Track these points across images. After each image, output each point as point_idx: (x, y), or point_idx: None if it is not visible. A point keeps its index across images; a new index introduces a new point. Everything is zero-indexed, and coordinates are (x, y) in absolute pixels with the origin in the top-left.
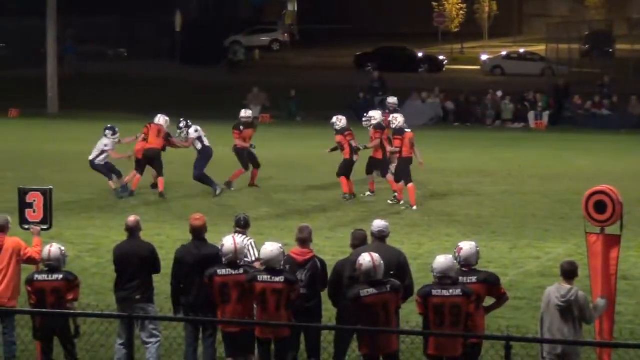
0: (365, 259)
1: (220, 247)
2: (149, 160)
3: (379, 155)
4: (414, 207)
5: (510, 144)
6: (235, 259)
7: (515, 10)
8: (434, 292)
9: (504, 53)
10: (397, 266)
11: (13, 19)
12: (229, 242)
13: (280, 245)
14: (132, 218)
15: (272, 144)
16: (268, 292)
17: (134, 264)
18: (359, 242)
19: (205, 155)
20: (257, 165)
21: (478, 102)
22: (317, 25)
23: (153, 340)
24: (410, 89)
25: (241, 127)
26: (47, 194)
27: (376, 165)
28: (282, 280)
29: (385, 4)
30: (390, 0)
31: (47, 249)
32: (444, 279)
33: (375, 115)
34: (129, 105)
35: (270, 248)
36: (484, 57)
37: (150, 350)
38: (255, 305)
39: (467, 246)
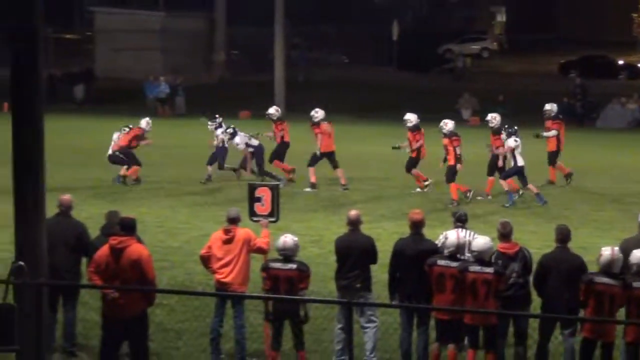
0: (606, 250)
1: (444, 239)
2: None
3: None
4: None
5: None
6: (456, 252)
7: None
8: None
9: None
10: None
11: (244, 28)
12: (453, 236)
13: (490, 239)
14: (353, 212)
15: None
16: (478, 282)
17: (354, 255)
18: (563, 237)
19: (259, 150)
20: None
21: None
22: (524, 34)
23: (371, 325)
24: (610, 95)
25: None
26: (274, 190)
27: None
28: (492, 271)
29: (587, 15)
30: (593, 11)
31: (282, 239)
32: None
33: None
34: (348, 108)
35: (482, 241)
36: None
37: (368, 334)
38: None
39: None
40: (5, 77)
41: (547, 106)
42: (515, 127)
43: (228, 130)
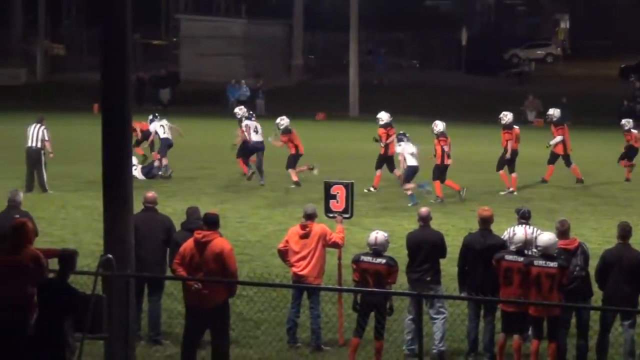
0: None
1: (512, 235)
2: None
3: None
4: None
5: None
6: (524, 248)
7: None
8: None
9: None
10: None
11: (321, 34)
12: (521, 232)
13: (554, 235)
14: (424, 209)
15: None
16: (543, 276)
17: (425, 249)
18: (625, 233)
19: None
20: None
21: None
22: (586, 40)
23: (440, 316)
24: None
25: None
26: (348, 187)
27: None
28: (556, 265)
29: None
30: None
31: (373, 235)
32: None
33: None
34: (420, 110)
35: (547, 237)
36: None
37: (437, 324)
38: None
39: None
40: (96, 80)
41: (550, 111)
42: (404, 132)
43: None
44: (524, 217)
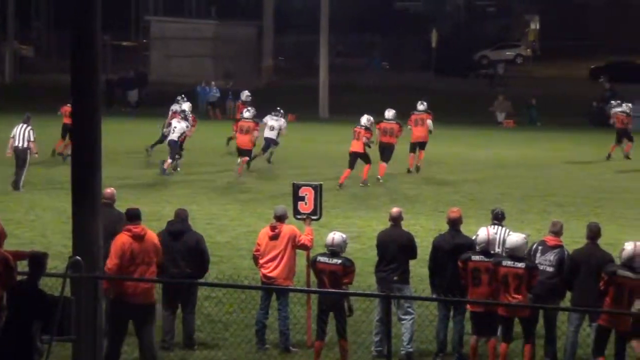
0: (629, 245)
1: (474, 237)
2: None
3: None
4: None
5: None
6: (487, 248)
7: None
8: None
9: None
10: None
11: (290, 36)
12: (483, 232)
13: (524, 236)
14: (396, 209)
15: (516, 145)
16: (510, 276)
17: (393, 249)
18: (594, 234)
19: None
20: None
21: None
22: (556, 41)
23: (408, 317)
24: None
25: None
26: (317, 189)
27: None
28: (523, 266)
29: (616, 23)
30: (621, 19)
31: (331, 236)
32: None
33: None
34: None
35: (516, 238)
36: None
37: (405, 325)
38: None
39: None
40: (65, 82)
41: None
42: (280, 109)
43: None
44: (497, 218)
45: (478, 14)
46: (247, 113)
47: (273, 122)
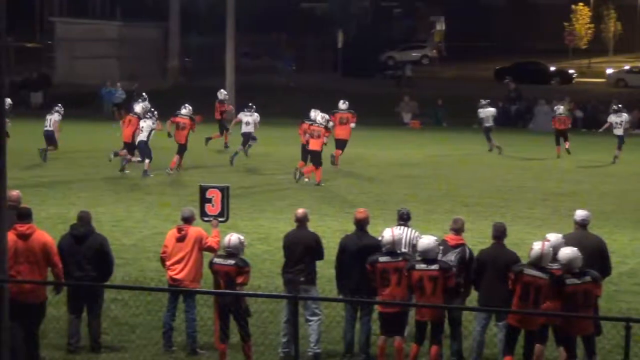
0: (537, 245)
1: (380, 238)
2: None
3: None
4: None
5: (634, 148)
6: (392, 249)
7: (638, 30)
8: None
9: (627, 67)
10: (600, 252)
11: (197, 37)
12: (388, 233)
13: (435, 238)
14: (301, 210)
15: (422, 146)
16: (425, 279)
17: (299, 250)
18: (499, 234)
19: None
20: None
21: (605, 110)
22: (462, 42)
23: (315, 318)
24: (543, 99)
25: None
26: (224, 191)
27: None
28: (437, 268)
29: (522, 25)
30: (526, 21)
31: (228, 237)
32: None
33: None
34: (294, 112)
35: (427, 241)
36: (609, 71)
37: (312, 326)
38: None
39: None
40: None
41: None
42: (252, 104)
43: None
44: (403, 219)
45: (384, 15)
46: (184, 110)
47: (248, 118)
